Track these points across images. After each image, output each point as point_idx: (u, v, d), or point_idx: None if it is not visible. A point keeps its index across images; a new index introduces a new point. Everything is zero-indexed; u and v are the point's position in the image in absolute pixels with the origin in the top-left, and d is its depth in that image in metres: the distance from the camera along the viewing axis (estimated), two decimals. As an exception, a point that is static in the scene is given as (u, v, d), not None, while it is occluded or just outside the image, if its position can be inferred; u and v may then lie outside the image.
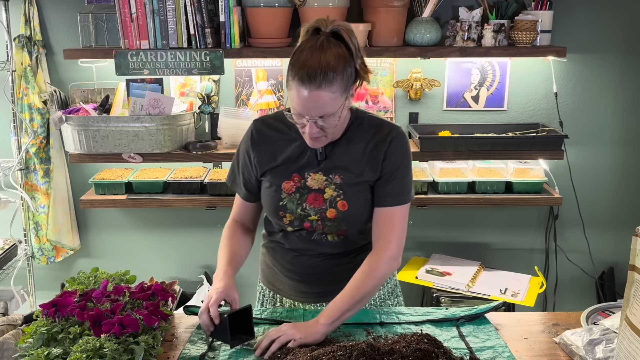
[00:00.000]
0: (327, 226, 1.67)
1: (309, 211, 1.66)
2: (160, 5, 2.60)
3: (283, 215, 1.68)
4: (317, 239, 1.70)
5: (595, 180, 3.07)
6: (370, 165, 1.64)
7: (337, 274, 1.73)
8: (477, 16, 2.71)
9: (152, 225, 3.12)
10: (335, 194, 1.64)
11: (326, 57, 1.47)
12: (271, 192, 1.68)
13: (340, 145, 1.65)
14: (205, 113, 2.86)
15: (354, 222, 1.67)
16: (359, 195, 1.65)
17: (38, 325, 1.42)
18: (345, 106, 1.55)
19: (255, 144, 1.70)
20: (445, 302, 2.72)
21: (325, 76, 1.46)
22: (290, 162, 1.67)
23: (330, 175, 1.65)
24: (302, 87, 1.48)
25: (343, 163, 1.65)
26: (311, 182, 1.66)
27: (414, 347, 1.34)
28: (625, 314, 1.28)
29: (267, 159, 1.69)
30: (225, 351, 1.51)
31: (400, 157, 1.65)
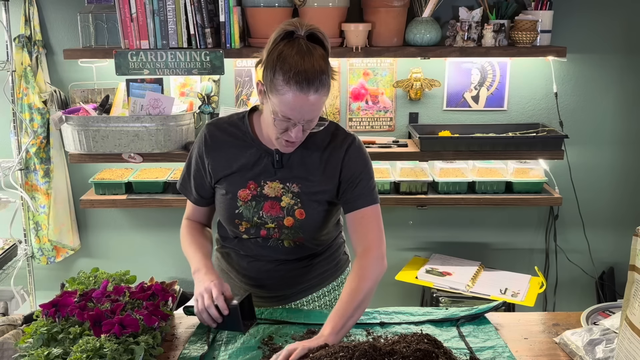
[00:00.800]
0: (284, 234, 1.66)
1: (265, 219, 1.65)
2: (160, 5, 2.60)
3: (239, 223, 1.67)
4: (273, 245, 1.69)
5: (595, 180, 3.07)
6: (327, 174, 1.64)
7: (293, 278, 1.74)
8: (477, 16, 2.71)
9: (152, 225, 3.12)
10: (293, 202, 1.64)
11: (317, 61, 1.47)
12: (226, 200, 1.66)
13: (296, 153, 1.64)
14: (205, 113, 2.86)
15: (310, 230, 1.67)
16: (316, 204, 1.65)
17: (38, 325, 1.42)
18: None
19: (209, 149, 1.67)
20: (445, 302, 2.72)
21: (321, 79, 1.47)
22: (246, 170, 1.65)
23: (288, 183, 1.64)
24: (300, 92, 1.46)
25: (300, 172, 1.64)
26: (268, 190, 1.64)
27: (414, 347, 1.34)
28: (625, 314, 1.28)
29: (222, 166, 1.66)
30: (225, 351, 1.51)
31: (360, 162, 1.65)
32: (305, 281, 1.77)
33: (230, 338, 1.58)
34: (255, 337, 1.56)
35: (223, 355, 1.49)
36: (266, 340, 1.55)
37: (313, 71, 1.45)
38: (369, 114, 2.99)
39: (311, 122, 1.53)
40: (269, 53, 1.50)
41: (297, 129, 1.52)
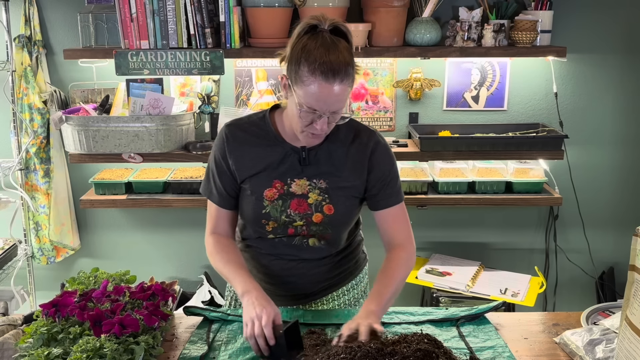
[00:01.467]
0: (312, 231, 1.67)
1: (294, 217, 1.65)
2: (160, 5, 2.60)
3: (266, 223, 1.66)
4: (298, 244, 1.69)
5: (595, 180, 3.07)
6: (354, 169, 1.65)
7: (314, 276, 1.74)
8: (477, 16, 2.71)
9: (152, 225, 3.13)
10: (321, 198, 1.64)
11: (342, 52, 1.48)
12: (252, 201, 1.65)
13: (322, 149, 1.65)
14: (205, 113, 2.86)
15: (339, 225, 1.68)
16: (344, 198, 1.66)
17: (38, 325, 1.42)
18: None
19: (231, 148, 1.66)
20: (445, 302, 2.72)
21: (346, 70, 1.48)
22: (272, 169, 1.64)
23: (314, 180, 1.64)
24: (326, 82, 1.46)
25: (327, 168, 1.65)
26: (295, 187, 1.64)
27: (414, 347, 1.34)
28: (625, 314, 1.28)
29: (246, 166, 1.65)
30: (225, 351, 1.51)
31: (388, 163, 1.68)
32: (326, 279, 1.77)
33: (230, 338, 1.58)
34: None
35: (223, 355, 1.49)
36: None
37: (338, 62, 1.46)
38: (369, 114, 2.99)
39: (336, 114, 1.53)
40: (293, 46, 1.52)
41: (322, 120, 1.52)
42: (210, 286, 2.99)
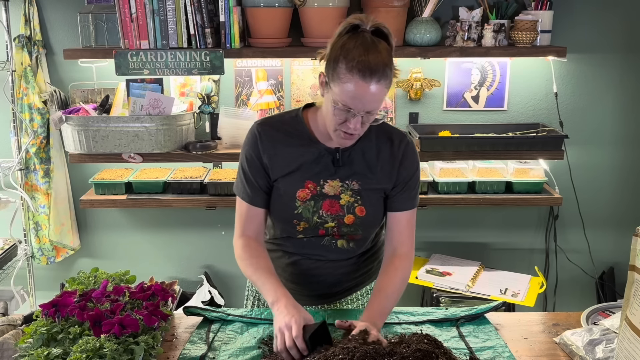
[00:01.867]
0: (343, 232, 1.67)
1: (325, 218, 1.64)
2: (160, 5, 2.59)
3: (297, 224, 1.66)
4: (327, 244, 1.69)
5: (595, 180, 3.07)
6: (385, 171, 1.65)
7: (338, 276, 1.74)
8: (477, 16, 2.71)
9: (152, 225, 3.13)
10: (353, 200, 1.64)
11: (381, 53, 1.48)
12: (284, 201, 1.64)
13: (355, 150, 1.65)
14: (205, 113, 2.86)
15: (370, 226, 1.69)
16: (375, 200, 1.66)
17: (38, 325, 1.42)
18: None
19: (265, 147, 1.64)
20: (445, 302, 2.72)
21: (384, 71, 1.47)
22: (305, 169, 1.63)
23: (347, 181, 1.64)
24: (362, 80, 1.45)
25: (360, 169, 1.65)
26: (328, 189, 1.64)
27: (414, 347, 1.34)
28: (625, 314, 1.28)
29: (279, 165, 1.64)
30: (225, 351, 1.51)
31: (415, 165, 1.69)
32: (351, 279, 1.77)
33: (230, 338, 1.58)
34: (256, 337, 1.56)
35: (223, 356, 1.49)
36: (266, 340, 1.55)
37: (376, 62, 1.46)
38: (369, 114, 2.98)
39: (370, 115, 1.52)
40: (332, 45, 1.52)
41: (356, 120, 1.51)
42: (210, 286, 2.99)
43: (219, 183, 2.80)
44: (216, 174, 2.93)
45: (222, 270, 3.16)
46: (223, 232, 3.12)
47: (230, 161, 2.84)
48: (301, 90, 2.95)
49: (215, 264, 3.16)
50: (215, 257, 3.15)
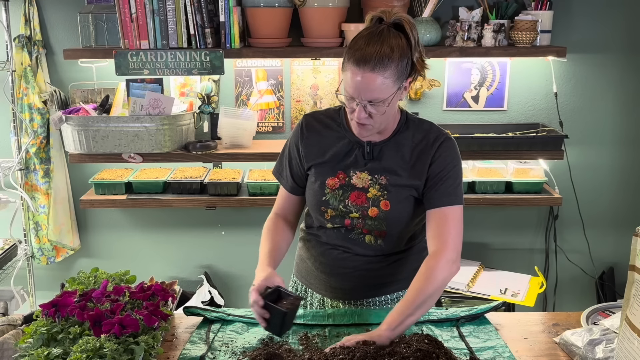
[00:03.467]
0: (368, 225, 1.67)
1: (350, 208, 1.67)
2: (160, 5, 2.60)
3: (325, 211, 1.69)
4: (355, 238, 1.70)
5: (595, 180, 3.07)
6: (416, 169, 1.65)
7: (368, 271, 1.73)
8: (477, 16, 2.71)
9: (152, 225, 3.13)
10: (379, 194, 1.65)
11: (383, 44, 1.50)
12: (315, 187, 1.70)
13: (388, 146, 1.66)
14: (205, 113, 2.86)
15: (394, 223, 1.67)
16: (403, 198, 1.65)
17: (38, 325, 1.42)
18: (396, 96, 1.56)
19: (304, 137, 1.72)
20: (445, 302, 2.72)
21: (380, 60, 1.49)
22: (337, 160, 1.68)
23: (376, 175, 1.66)
24: (356, 68, 1.50)
25: (390, 165, 1.65)
26: (356, 180, 1.66)
27: (414, 347, 1.34)
28: (625, 314, 1.28)
29: (314, 154, 1.71)
30: (225, 352, 1.51)
31: (449, 159, 1.65)
32: (378, 278, 1.75)
33: (230, 338, 1.58)
34: (256, 338, 1.56)
35: (223, 356, 1.49)
36: (266, 341, 1.55)
37: (374, 51, 1.49)
38: (369, 114, 2.98)
39: (375, 106, 1.53)
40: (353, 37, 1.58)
41: (359, 109, 1.54)
42: (210, 286, 2.99)
43: (219, 183, 2.80)
44: (216, 174, 2.93)
45: (222, 270, 3.16)
46: (223, 232, 3.12)
47: (230, 161, 2.84)
48: (301, 90, 2.95)
49: (215, 264, 3.16)
50: (215, 257, 3.15)
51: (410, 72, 1.57)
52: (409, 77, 1.57)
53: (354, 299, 1.78)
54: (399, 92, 1.55)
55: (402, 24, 1.54)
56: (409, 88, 1.60)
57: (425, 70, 1.60)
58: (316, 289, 1.82)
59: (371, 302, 1.77)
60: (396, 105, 1.61)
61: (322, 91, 2.95)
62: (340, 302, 1.78)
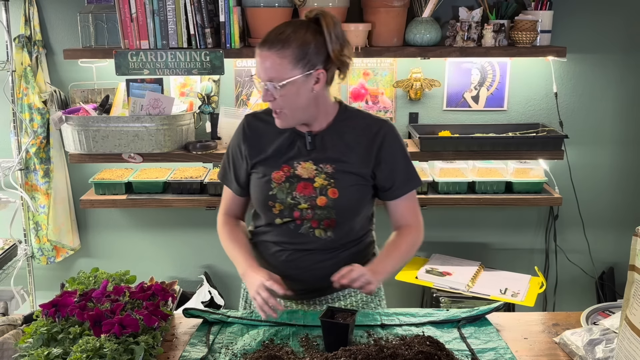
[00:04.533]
0: (317, 215, 1.69)
1: (299, 199, 1.68)
2: (160, 5, 2.59)
3: (272, 205, 1.70)
4: (305, 232, 1.71)
5: (595, 180, 3.07)
6: (362, 157, 1.69)
7: (319, 270, 1.73)
8: (477, 16, 2.71)
9: (152, 225, 3.12)
10: (326, 183, 1.67)
11: (287, 28, 1.59)
12: (261, 183, 1.71)
13: (329, 135, 1.70)
14: (205, 113, 2.86)
15: (344, 211, 1.69)
16: (350, 185, 1.68)
17: (38, 325, 1.42)
18: (303, 83, 1.59)
19: (246, 137, 1.75)
20: (445, 302, 2.72)
21: (277, 41, 1.57)
22: (280, 153, 1.71)
23: (321, 164, 1.68)
24: (258, 49, 1.60)
25: (334, 153, 1.69)
26: (301, 170, 1.69)
27: (416, 349, 1.34)
28: (625, 314, 1.28)
29: (257, 151, 1.73)
30: (225, 353, 1.51)
31: (396, 147, 1.72)
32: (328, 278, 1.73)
33: (230, 340, 1.58)
34: (256, 340, 1.56)
35: (223, 358, 1.49)
36: (267, 343, 1.55)
37: (274, 33, 1.59)
38: (369, 114, 2.98)
39: (274, 86, 1.58)
40: None
41: (263, 90, 1.61)
42: (210, 286, 2.99)
43: (219, 183, 2.79)
44: (216, 174, 2.92)
45: (222, 271, 3.16)
46: (223, 232, 3.12)
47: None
48: (301, 90, 2.94)
49: (215, 264, 3.16)
50: (215, 257, 3.14)
51: (327, 64, 1.60)
52: (323, 68, 1.60)
53: (306, 300, 1.79)
54: (305, 79, 1.59)
55: (319, 18, 1.60)
56: (324, 80, 1.62)
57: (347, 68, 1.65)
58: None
59: (323, 300, 1.79)
60: (310, 93, 1.62)
61: (322, 91, 2.95)
62: (293, 302, 1.79)
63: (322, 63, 1.60)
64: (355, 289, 1.62)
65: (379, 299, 1.87)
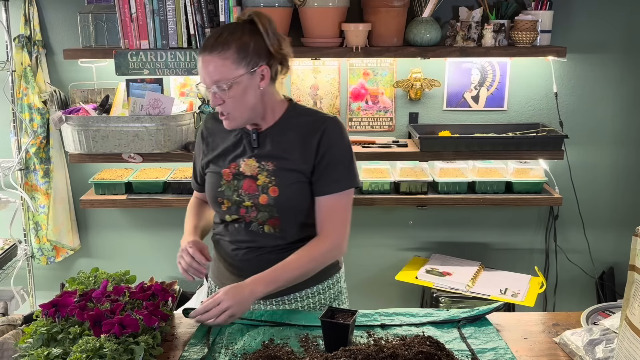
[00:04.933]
0: (261, 212, 1.71)
1: (244, 197, 1.71)
2: (160, 5, 2.59)
3: (222, 202, 1.75)
4: (255, 230, 1.73)
5: (595, 180, 3.07)
6: (303, 153, 1.69)
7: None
8: (477, 16, 2.71)
9: (152, 225, 3.12)
10: (268, 180, 1.69)
11: (224, 31, 1.62)
12: (212, 180, 1.77)
13: (274, 132, 1.72)
14: (205, 113, 2.86)
15: (285, 210, 1.70)
16: (291, 183, 1.69)
17: (38, 325, 1.42)
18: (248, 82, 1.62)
19: (203, 136, 1.83)
20: (445, 302, 2.72)
21: (217, 44, 1.59)
22: (229, 152, 1.76)
23: (263, 162, 1.70)
24: (200, 56, 1.62)
25: (276, 151, 1.70)
26: (244, 167, 1.72)
27: (416, 349, 1.34)
28: (625, 314, 1.28)
29: (210, 149, 1.80)
30: (225, 354, 1.51)
31: (336, 143, 1.70)
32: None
33: (230, 341, 1.58)
34: (256, 340, 1.56)
35: (223, 358, 1.49)
36: (267, 343, 1.55)
37: (213, 37, 1.61)
38: (369, 114, 2.99)
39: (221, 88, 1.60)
40: None
41: (211, 95, 1.64)
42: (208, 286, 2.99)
43: (219, 183, 2.80)
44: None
45: (222, 270, 3.16)
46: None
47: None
48: (301, 90, 2.95)
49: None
50: (215, 257, 3.14)
51: (269, 60, 1.64)
52: (265, 64, 1.63)
53: (263, 300, 1.79)
54: (250, 77, 1.62)
55: (253, 18, 1.64)
56: (268, 76, 1.65)
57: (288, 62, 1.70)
58: None
59: (280, 301, 1.78)
60: (256, 91, 1.64)
61: (322, 91, 2.95)
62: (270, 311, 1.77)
63: (264, 60, 1.64)
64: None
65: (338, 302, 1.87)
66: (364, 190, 2.86)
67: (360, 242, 3.12)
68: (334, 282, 1.86)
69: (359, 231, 3.13)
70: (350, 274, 3.17)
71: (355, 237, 3.12)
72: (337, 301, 1.87)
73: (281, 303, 1.79)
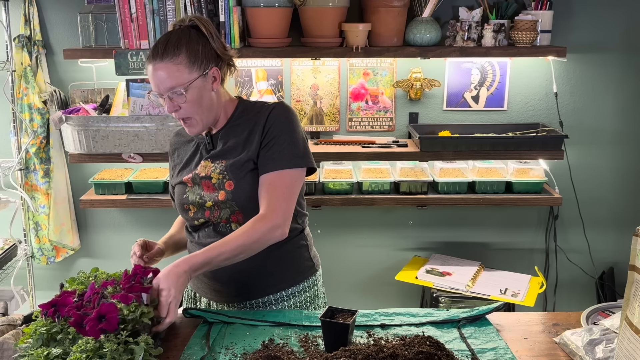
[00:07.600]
0: (223, 210, 1.72)
1: (205, 198, 1.74)
2: (160, 5, 2.60)
3: (188, 208, 1.79)
4: (223, 230, 1.75)
5: (595, 180, 3.07)
6: (249, 142, 1.71)
7: (246, 272, 1.74)
8: (477, 16, 2.71)
9: (152, 225, 3.12)
10: (222, 177, 1.71)
11: (171, 37, 1.63)
12: (179, 190, 1.81)
13: (225, 132, 1.75)
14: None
15: (244, 201, 1.70)
16: (244, 174, 1.70)
17: (37, 326, 1.42)
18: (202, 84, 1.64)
19: (170, 155, 1.91)
20: (445, 302, 2.72)
21: (167, 50, 1.60)
22: (190, 160, 1.81)
23: (217, 161, 1.73)
24: (150, 64, 1.62)
25: (226, 148, 1.73)
26: (200, 169, 1.75)
27: (416, 349, 1.34)
28: (625, 314, 1.28)
29: (177, 164, 1.86)
30: (226, 355, 1.51)
31: (278, 124, 1.70)
32: (259, 278, 1.77)
33: (230, 340, 1.58)
34: (256, 340, 1.56)
35: (223, 358, 1.49)
36: (267, 343, 1.55)
37: (161, 44, 1.61)
38: (369, 114, 2.99)
39: (178, 95, 1.62)
40: None
41: (167, 102, 1.64)
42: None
43: (219, 183, 2.80)
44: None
45: (222, 270, 3.16)
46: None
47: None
48: (301, 90, 2.95)
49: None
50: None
51: (218, 62, 1.67)
52: (215, 66, 1.66)
53: (237, 302, 1.79)
54: (204, 80, 1.64)
55: (196, 22, 1.66)
56: (219, 77, 1.68)
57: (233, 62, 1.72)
58: (203, 293, 1.86)
59: (254, 303, 1.78)
60: (210, 93, 1.67)
61: (322, 91, 2.95)
62: (224, 305, 1.81)
63: (213, 62, 1.66)
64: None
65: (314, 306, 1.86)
66: (364, 190, 2.86)
67: (360, 242, 3.12)
68: (309, 284, 1.85)
69: (359, 231, 3.13)
70: (350, 274, 3.19)
71: (355, 237, 3.14)
72: (313, 305, 1.85)
73: (255, 306, 1.79)
